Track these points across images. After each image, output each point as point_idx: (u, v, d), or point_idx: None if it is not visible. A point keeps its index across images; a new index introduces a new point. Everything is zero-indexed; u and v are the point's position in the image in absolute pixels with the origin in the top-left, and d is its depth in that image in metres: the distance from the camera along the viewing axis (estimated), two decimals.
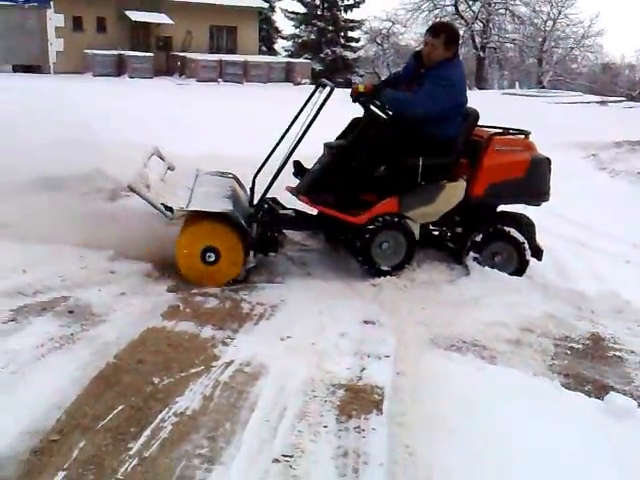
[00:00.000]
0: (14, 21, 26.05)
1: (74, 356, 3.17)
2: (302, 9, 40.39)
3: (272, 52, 40.11)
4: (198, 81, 25.99)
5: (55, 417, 2.66)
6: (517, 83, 35.02)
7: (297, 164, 4.85)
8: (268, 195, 4.50)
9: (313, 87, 4.78)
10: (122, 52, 26.84)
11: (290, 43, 42.01)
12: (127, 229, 4.47)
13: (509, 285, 4.59)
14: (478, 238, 4.80)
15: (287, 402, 2.94)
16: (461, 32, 42.15)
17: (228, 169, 5.22)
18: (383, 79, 5.48)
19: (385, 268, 4.60)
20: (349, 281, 4.57)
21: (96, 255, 4.34)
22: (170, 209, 4.11)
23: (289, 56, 38.33)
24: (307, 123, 4.39)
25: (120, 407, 2.78)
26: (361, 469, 2.53)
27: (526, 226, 4.93)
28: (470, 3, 41.80)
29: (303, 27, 40.12)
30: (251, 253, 4.33)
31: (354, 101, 4.64)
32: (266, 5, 34.91)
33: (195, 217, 4.23)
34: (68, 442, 2.52)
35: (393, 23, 42.72)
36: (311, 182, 4.69)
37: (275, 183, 4.39)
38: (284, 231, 4.75)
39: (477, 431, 2.81)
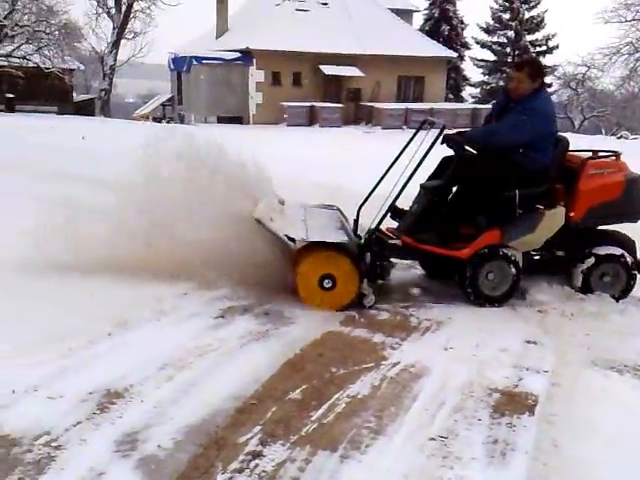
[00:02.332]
0: (220, 77, 29.23)
1: (268, 346, 3.84)
2: (492, 57, 40.65)
3: (459, 99, 40.62)
4: (383, 129, 27.13)
5: (253, 388, 3.29)
6: None
7: (393, 207, 4.99)
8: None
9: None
10: (314, 103, 28.88)
11: (478, 90, 42.28)
12: None
13: None
14: (590, 262, 4.92)
15: (446, 398, 3.33)
16: None
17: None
18: None
19: (492, 297, 4.80)
20: (515, 306, 4.83)
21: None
22: (292, 239, 4.51)
23: (476, 102, 38.54)
24: (417, 161, 4.65)
25: (304, 386, 3.35)
26: (508, 454, 2.85)
27: (627, 243, 4.98)
28: None
29: (492, 74, 40.26)
30: (365, 280, 4.60)
31: (442, 143, 4.85)
32: (455, 54, 35.66)
33: (313, 247, 4.56)
34: (263, 406, 3.13)
35: (589, 67, 41.20)
36: (412, 222, 4.91)
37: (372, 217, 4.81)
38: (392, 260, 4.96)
39: (625, 436, 2.99)
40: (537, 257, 5.09)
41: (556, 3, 45.57)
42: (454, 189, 5.02)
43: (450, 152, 5.06)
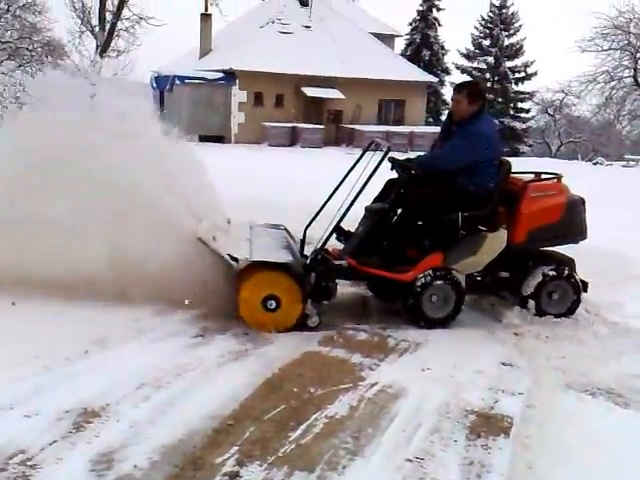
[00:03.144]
0: (202, 97, 29.26)
1: (247, 366, 3.86)
2: None
3: (439, 123, 41.03)
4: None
5: (231, 408, 3.30)
6: None
7: (338, 228, 4.97)
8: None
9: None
10: (296, 124, 29.03)
11: None
12: None
13: None
14: (535, 281, 5.00)
15: (423, 419, 3.36)
16: None
17: None
18: None
19: (436, 319, 4.80)
20: (492, 329, 4.88)
21: None
22: (235, 259, 4.45)
23: None
24: (363, 183, 4.69)
25: (282, 406, 3.36)
26: (484, 476, 2.88)
27: (567, 262, 5.09)
28: None
29: None
30: (309, 302, 4.54)
31: (392, 169, 4.96)
32: (435, 79, 36.13)
33: (256, 267, 4.48)
34: (241, 426, 3.13)
35: (566, 94, 41.94)
36: (357, 245, 4.92)
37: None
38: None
39: (599, 459, 3.03)
40: (479, 278, 5.10)
41: (536, 31, 46.55)
42: (398, 212, 5.04)
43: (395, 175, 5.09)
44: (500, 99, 39.25)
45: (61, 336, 3.87)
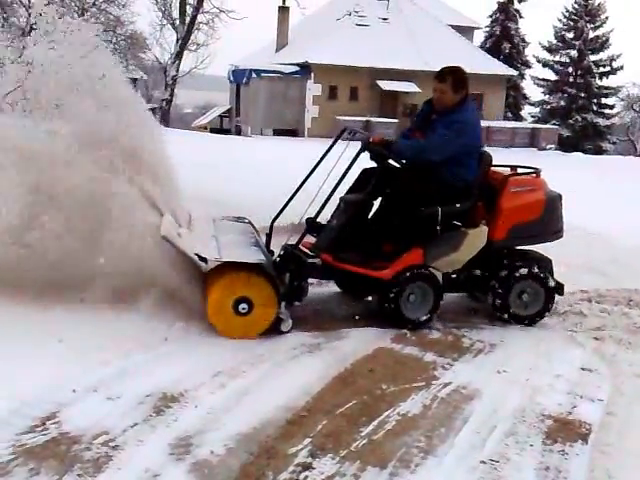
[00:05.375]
0: (278, 90, 29.68)
1: (319, 359, 3.89)
2: (553, 76, 40.10)
3: (518, 118, 40.06)
4: None
5: (304, 400, 3.34)
6: None
7: (310, 221, 4.68)
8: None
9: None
10: (370, 118, 28.95)
11: (537, 109, 41.72)
12: None
13: None
14: (504, 278, 4.73)
15: (498, 421, 3.30)
16: None
17: None
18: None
19: (413, 319, 4.54)
20: (570, 332, 4.74)
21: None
22: (204, 259, 4.11)
23: (535, 122, 38.00)
24: (335, 174, 4.47)
25: (354, 401, 3.38)
26: None
27: (544, 262, 4.84)
28: None
29: (553, 94, 39.70)
30: (282, 304, 4.18)
31: (363, 150, 4.54)
32: (515, 73, 35.30)
33: (227, 267, 4.11)
34: (314, 419, 3.17)
35: None
36: (331, 239, 4.56)
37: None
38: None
39: None
40: (454, 276, 4.78)
41: (623, 23, 44.77)
42: (376, 204, 4.83)
43: (370, 164, 4.80)
44: (583, 94, 37.94)
45: (141, 324, 3.97)
